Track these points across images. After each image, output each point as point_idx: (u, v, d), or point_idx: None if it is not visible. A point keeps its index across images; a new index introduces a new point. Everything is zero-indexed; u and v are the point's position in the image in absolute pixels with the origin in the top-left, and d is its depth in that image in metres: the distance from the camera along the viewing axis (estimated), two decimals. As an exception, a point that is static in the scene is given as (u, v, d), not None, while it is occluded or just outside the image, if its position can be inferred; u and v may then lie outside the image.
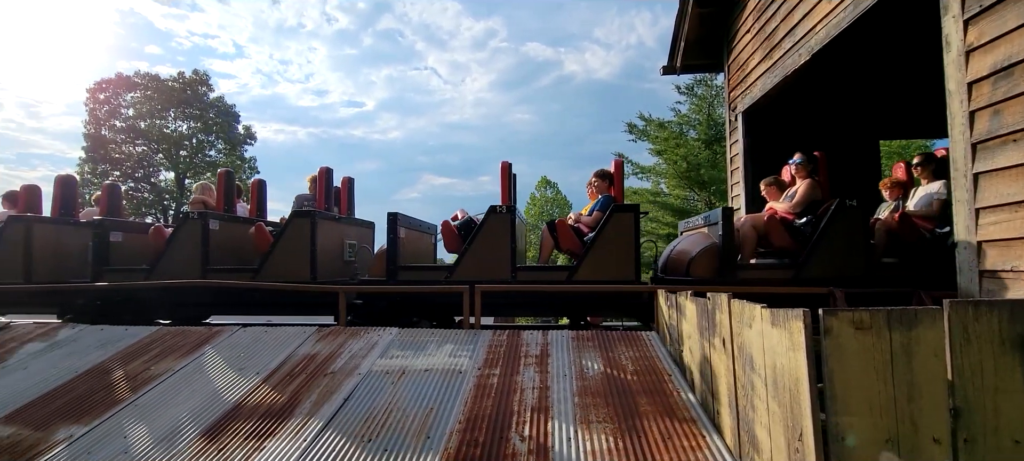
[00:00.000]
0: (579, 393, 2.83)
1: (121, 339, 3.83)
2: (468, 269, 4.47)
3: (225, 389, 3.07)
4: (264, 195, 5.93)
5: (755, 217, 4.81)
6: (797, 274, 4.35)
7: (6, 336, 3.93)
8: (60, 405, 2.99)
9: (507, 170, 4.77)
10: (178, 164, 24.03)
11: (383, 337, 3.71)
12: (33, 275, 5.14)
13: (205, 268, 4.88)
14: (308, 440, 2.50)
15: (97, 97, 23.40)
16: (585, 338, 3.62)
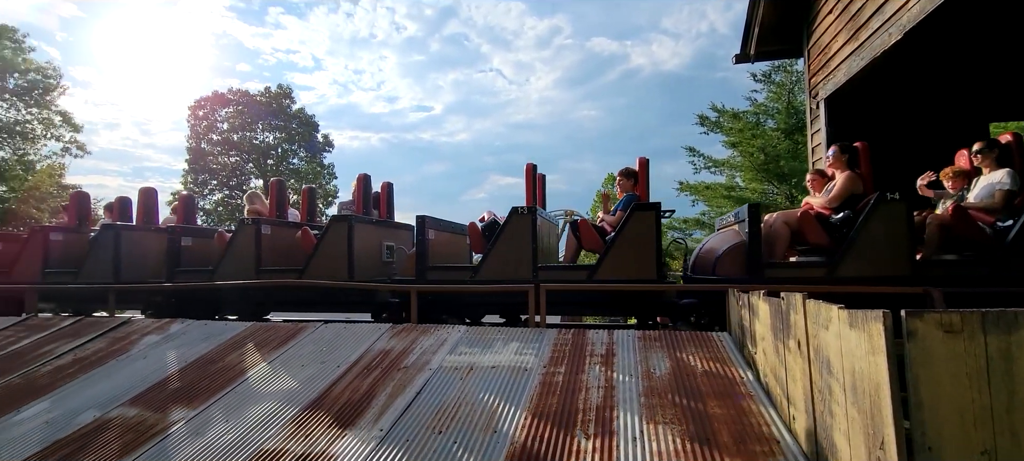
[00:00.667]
0: (645, 393, 2.80)
1: (222, 333, 4.24)
2: (492, 269, 4.58)
3: (311, 380, 3.32)
4: (313, 201, 6.37)
5: (788, 213, 4.60)
6: (831, 273, 4.08)
7: (128, 329, 4.47)
8: (174, 390, 3.37)
9: (531, 172, 4.91)
10: (266, 172, 26.03)
11: (452, 334, 3.85)
12: (121, 275, 5.81)
13: (258, 269, 5.30)
14: (384, 430, 2.66)
15: (197, 114, 25.88)
16: (652, 338, 3.56)
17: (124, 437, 2.86)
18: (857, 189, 4.36)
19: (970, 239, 4.07)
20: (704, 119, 17.16)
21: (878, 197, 4.04)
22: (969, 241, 4.09)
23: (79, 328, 4.58)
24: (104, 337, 4.32)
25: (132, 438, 2.84)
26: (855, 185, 4.37)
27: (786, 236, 4.45)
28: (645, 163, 5.00)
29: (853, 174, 4.41)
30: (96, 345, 4.19)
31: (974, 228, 4.03)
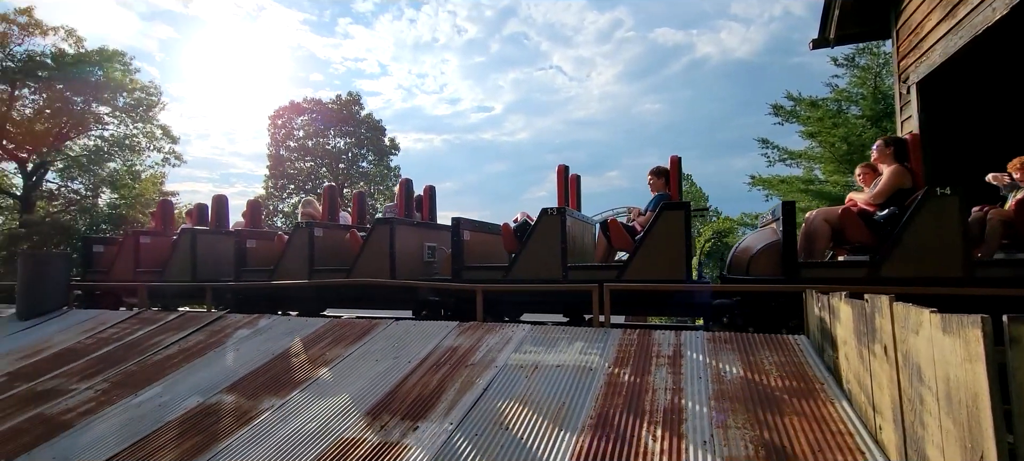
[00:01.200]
0: (716, 397, 2.73)
1: (303, 328, 4.56)
2: (523, 268, 4.68)
3: (384, 374, 3.51)
4: (364, 204, 6.70)
5: (828, 210, 4.35)
6: (873, 273, 3.80)
7: (223, 323, 4.91)
8: (264, 380, 3.67)
9: (563, 173, 5.02)
10: (338, 176, 27.46)
11: (517, 333, 3.92)
12: (197, 274, 6.37)
13: (311, 269, 5.65)
14: (454, 424, 2.77)
15: (276, 122, 27.72)
16: (722, 340, 3.45)
17: (223, 421, 3.16)
18: (904, 183, 4.06)
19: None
20: (778, 108, 16.19)
21: (926, 192, 3.74)
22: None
23: (182, 322, 5.08)
24: (203, 330, 4.77)
25: (230, 422, 3.13)
26: (902, 179, 4.06)
27: (826, 234, 4.25)
28: (677, 162, 4.88)
29: (900, 168, 4.10)
30: (197, 337, 4.63)
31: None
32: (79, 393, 3.82)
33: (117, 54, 18.13)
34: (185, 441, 3.01)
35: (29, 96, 17.22)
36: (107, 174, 18.68)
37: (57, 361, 4.50)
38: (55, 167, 17.91)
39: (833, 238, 4.30)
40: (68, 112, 17.28)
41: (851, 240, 4.25)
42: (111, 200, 18.83)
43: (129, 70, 18.50)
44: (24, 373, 4.33)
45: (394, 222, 5.42)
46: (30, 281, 5.95)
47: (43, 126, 17.09)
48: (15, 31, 16.51)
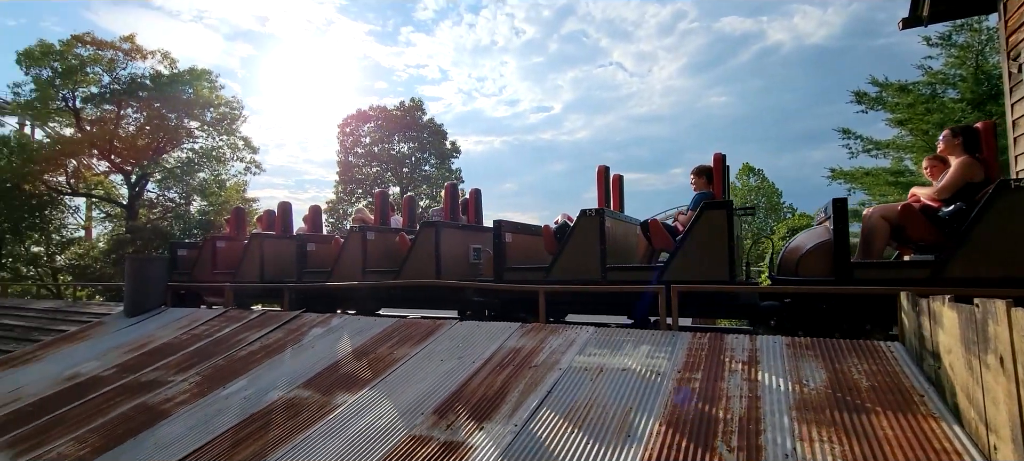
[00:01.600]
0: (797, 406, 2.55)
1: (372, 328, 4.73)
2: (562, 269, 4.72)
3: (450, 374, 3.56)
4: (414, 208, 6.90)
5: (886, 207, 4.03)
6: (937, 274, 3.49)
7: (300, 322, 5.19)
8: (337, 376, 3.84)
9: (603, 174, 5.02)
10: (402, 180, 28.42)
11: (581, 335, 3.86)
12: (264, 275, 6.83)
13: (364, 270, 5.89)
14: (519, 426, 2.76)
15: (344, 130, 29.10)
16: (803, 346, 3.23)
17: (301, 414, 3.33)
18: (974, 176, 3.67)
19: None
20: (862, 95, 15.00)
21: (999, 185, 3.36)
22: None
23: (264, 320, 5.42)
24: (282, 328, 5.07)
25: (308, 416, 3.29)
26: (972, 172, 3.68)
27: (884, 232, 3.97)
28: (720, 159, 4.76)
29: (970, 159, 3.71)
30: (277, 335, 4.93)
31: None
32: (176, 385, 4.17)
33: (205, 73, 19.73)
34: (268, 432, 3.20)
35: (132, 114, 19.09)
36: (197, 183, 20.36)
37: (157, 355, 4.94)
38: (154, 178, 19.76)
39: (894, 236, 4.04)
40: (164, 128, 18.99)
41: (913, 238, 3.96)
42: (201, 207, 20.52)
43: (215, 87, 20.06)
44: (130, 365, 4.78)
45: (439, 225, 5.60)
46: (134, 282, 6.59)
47: (144, 141, 18.88)
48: (120, 56, 18.38)
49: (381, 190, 7.17)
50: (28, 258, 17.51)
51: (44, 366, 5.22)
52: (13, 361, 5.53)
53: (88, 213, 21.07)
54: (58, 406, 4.16)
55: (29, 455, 3.48)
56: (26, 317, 7.39)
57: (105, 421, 3.75)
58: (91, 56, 17.92)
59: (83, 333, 6.10)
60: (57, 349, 5.69)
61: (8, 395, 4.62)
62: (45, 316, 7.26)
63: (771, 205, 32.66)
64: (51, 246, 18.21)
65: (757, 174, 33.49)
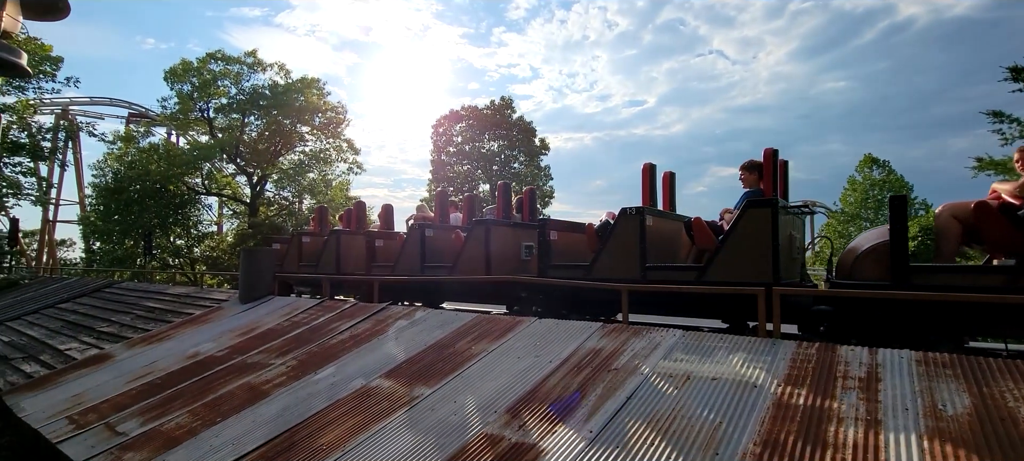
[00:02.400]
0: (929, 436, 2.12)
1: (452, 322, 4.77)
2: (602, 268, 4.74)
3: (525, 372, 3.46)
4: (473, 207, 7.11)
5: (958, 205, 3.61)
6: (1015, 280, 3.10)
7: (387, 314, 5.38)
8: (416, 369, 3.90)
9: (648, 172, 4.99)
10: (491, 177, 28.95)
11: (666, 338, 3.58)
12: (341, 268, 7.32)
13: (422, 265, 6.13)
14: (594, 432, 2.59)
15: (437, 131, 30.24)
16: (940, 363, 2.71)
17: (380, 404, 3.41)
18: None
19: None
20: (1019, 71, 12.72)
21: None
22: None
23: (354, 310, 5.70)
24: (370, 319, 5.29)
25: (387, 406, 3.37)
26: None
27: (954, 233, 3.55)
28: (771, 154, 4.46)
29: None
30: (364, 325, 5.15)
31: None
32: (275, 367, 4.49)
33: (314, 81, 21.46)
34: (350, 418, 3.32)
35: (254, 121, 21.28)
36: (307, 183, 22.22)
37: (262, 339, 5.37)
38: (272, 178, 21.87)
39: (970, 238, 3.59)
40: (280, 133, 20.94)
41: (989, 240, 3.49)
42: (310, 205, 22.37)
43: (322, 93, 21.75)
44: (240, 347, 5.25)
45: (489, 223, 5.83)
46: (247, 272, 7.28)
47: (263, 145, 20.96)
48: (245, 70, 20.54)
49: (442, 189, 7.54)
50: (172, 249, 20.15)
51: (174, 344, 5.91)
52: (151, 339, 6.33)
53: (219, 211, 23.84)
54: (180, 380, 4.65)
55: (154, 422, 3.91)
56: (164, 300, 8.46)
57: (215, 397, 4.12)
58: (222, 71, 20.21)
59: (205, 316, 6.83)
60: (184, 330, 6.42)
61: (145, 368, 5.27)
62: (178, 300, 8.26)
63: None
64: (190, 239, 20.83)
65: (882, 166, 29.79)
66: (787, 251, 4.24)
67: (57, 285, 13.03)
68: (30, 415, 4.69)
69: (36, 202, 20.41)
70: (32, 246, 28.12)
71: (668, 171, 5.46)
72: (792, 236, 4.38)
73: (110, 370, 5.49)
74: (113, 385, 4.96)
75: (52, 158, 22.68)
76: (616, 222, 4.70)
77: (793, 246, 4.40)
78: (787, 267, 4.24)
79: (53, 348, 7.02)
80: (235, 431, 3.50)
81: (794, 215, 4.55)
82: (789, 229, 4.35)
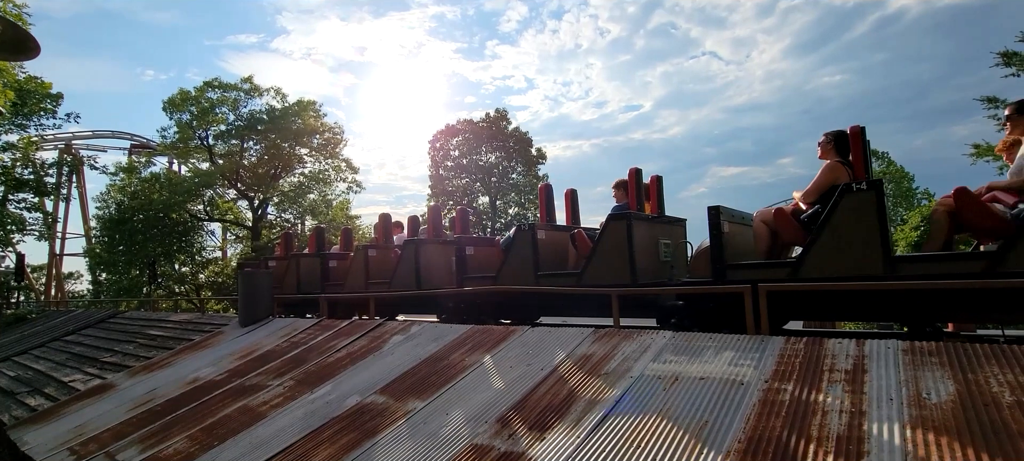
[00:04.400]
0: (912, 424, 2.12)
1: (447, 335, 4.78)
2: (506, 276, 5.19)
3: (518, 381, 3.47)
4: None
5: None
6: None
7: (382, 330, 5.40)
8: (410, 383, 3.91)
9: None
10: (490, 189, 29.05)
11: (656, 340, 3.58)
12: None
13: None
14: (581, 438, 2.60)
15: (435, 145, 30.42)
16: (925, 351, 2.71)
17: (374, 420, 3.42)
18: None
19: None
20: (1010, 56, 12.76)
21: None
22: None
23: (351, 328, 5.72)
24: (366, 336, 5.31)
25: (379, 421, 3.38)
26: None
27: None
28: (634, 173, 5.00)
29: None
30: (361, 342, 5.17)
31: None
32: (272, 389, 4.51)
33: (310, 104, 21.69)
34: (344, 436, 3.33)
35: (253, 146, 21.48)
36: (308, 204, 22.37)
37: (261, 361, 5.40)
38: (273, 202, 22.03)
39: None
40: (279, 156, 21.13)
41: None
42: (312, 225, 22.51)
43: (319, 115, 21.96)
44: (238, 371, 5.28)
45: (418, 242, 6.53)
46: (246, 294, 7.32)
47: (263, 169, 21.15)
48: (242, 96, 20.78)
49: (433, 205, 7.86)
50: (177, 277, 20.28)
51: (174, 370, 5.94)
52: (152, 366, 6.36)
53: (223, 236, 24.00)
54: (180, 406, 4.68)
55: (153, 449, 3.93)
56: (166, 327, 8.51)
57: (213, 421, 4.14)
58: (219, 98, 20.45)
59: (206, 341, 6.86)
60: (185, 356, 6.46)
61: (146, 395, 5.30)
62: (180, 327, 8.31)
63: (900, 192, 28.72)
64: (194, 265, 20.96)
65: (880, 158, 29.74)
66: (650, 256, 4.91)
67: (63, 318, 13.13)
68: (33, 448, 4.72)
69: (41, 237, 20.64)
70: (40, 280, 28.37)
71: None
72: (661, 243, 5.07)
73: (112, 399, 5.53)
74: (114, 414, 4.99)
75: (56, 193, 22.95)
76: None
77: (660, 252, 5.05)
78: (652, 271, 4.86)
79: (57, 380, 7.06)
80: (231, 454, 3.52)
81: (668, 225, 5.32)
82: (658, 236, 5.06)
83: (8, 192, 16.79)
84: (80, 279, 30.77)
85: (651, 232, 5.08)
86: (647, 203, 5.46)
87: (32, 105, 16.52)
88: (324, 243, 8.55)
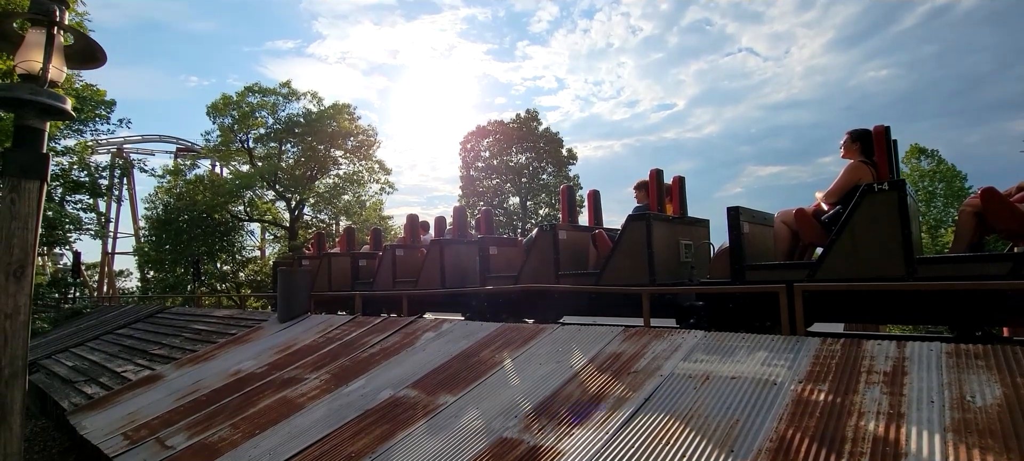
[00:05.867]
0: (955, 428, 2.06)
1: (478, 332, 4.85)
2: (526, 275, 5.29)
3: (546, 378, 3.51)
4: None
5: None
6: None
7: (415, 326, 5.52)
8: (441, 379, 3.99)
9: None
10: (520, 190, 29.13)
11: (687, 339, 3.56)
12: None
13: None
14: (609, 434, 2.61)
15: (466, 146, 30.72)
16: (971, 354, 2.61)
17: (406, 412, 3.52)
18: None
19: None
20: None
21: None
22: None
23: (385, 325, 5.87)
24: (399, 332, 5.44)
25: (411, 414, 3.47)
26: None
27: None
28: (655, 174, 4.98)
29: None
30: (394, 338, 5.30)
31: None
32: (309, 382, 4.67)
33: (345, 107, 22.24)
34: (377, 427, 3.43)
35: (290, 149, 22.17)
36: (342, 205, 22.93)
37: (298, 355, 5.60)
38: (309, 203, 22.68)
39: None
40: (315, 158, 21.75)
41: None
42: (345, 225, 23.08)
43: (353, 118, 22.48)
44: (278, 364, 5.48)
45: (443, 242, 6.66)
46: (284, 291, 7.58)
47: (300, 172, 21.79)
48: (280, 100, 21.48)
49: (410, 215, 8.41)
50: (219, 275, 21.11)
51: (218, 363, 6.22)
52: (197, 359, 6.67)
53: (262, 236, 24.85)
54: (223, 397, 4.90)
55: (199, 436, 4.14)
56: (210, 322, 8.89)
57: (254, 411, 4.33)
58: (259, 102, 21.19)
59: (247, 336, 7.15)
60: (228, 349, 6.75)
61: (191, 386, 5.56)
62: (223, 322, 8.67)
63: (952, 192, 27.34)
64: (235, 264, 21.77)
65: (930, 156, 28.35)
66: (671, 257, 4.91)
67: (115, 313, 13.86)
68: (90, 433, 5.02)
69: (95, 235, 21.80)
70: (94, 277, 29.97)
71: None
72: (681, 244, 5.04)
73: (161, 389, 5.83)
74: (163, 403, 5.26)
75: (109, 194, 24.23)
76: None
77: (681, 252, 4.99)
78: (672, 270, 4.85)
79: (111, 371, 7.48)
80: (272, 442, 3.67)
81: (689, 226, 5.32)
82: (678, 237, 5.03)
83: (66, 193, 17.83)
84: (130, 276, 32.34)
85: (672, 232, 5.06)
86: (669, 204, 5.44)
87: (88, 111, 17.51)
88: (354, 243, 8.84)
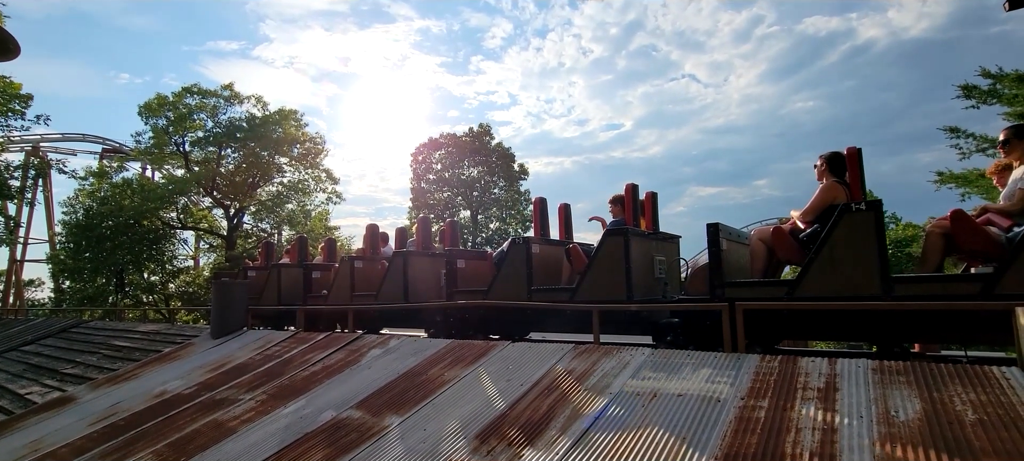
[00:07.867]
0: (882, 441, 2.18)
1: (426, 349, 4.73)
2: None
3: (496, 397, 3.45)
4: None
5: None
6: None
7: (360, 343, 5.32)
8: (388, 398, 3.85)
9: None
10: (472, 203, 29.03)
11: (635, 357, 3.61)
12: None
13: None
14: (560, 455, 2.59)
15: (417, 158, 30.32)
16: (894, 371, 2.79)
17: (349, 436, 3.35)
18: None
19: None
20: (970, 89, 13.34)
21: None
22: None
23: (328, 341, 5.62)
24: (343, 349, 5.22)
25: (355, 437, 3.31)
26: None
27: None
28: (630, 189, 4.87)
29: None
30: (338, 355, 5.08)
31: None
32: (243, 403, 4.38)
33: (292, 113, 21.46)
34: (318, 452, 3.25)
35: (231, 154, 21.10)
36: (286, 214, 22.02)
37: (232, 374, 5.25)
38: (249, 211, 21.62)
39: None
40: (258, 165, 20.79)
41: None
42: (289, 236, 22.11)
43: (300, 125, 21.73)
44: (209, 384, 5.12)
45: (406, 255, 6.34)
46: (219, 304, 7.13)
47: (240, 178, 20.77)
48: (221, 103, 20.46)
49: (423, 216, 7.73)
50: (145, 286, 19.66)
51: (140, 383, 5.74)
52: (117, 379, 6.14)
53: (196, 245, 23.42)
54: (145, 421, 4.51)
55: (115, 466, 3.78)
56: (133, 338, 8.23)
57: (180, 436, 4.01)
58: (198, 104, 20.10)
59: (175, 353, 6.65)
60: (152, 368, 6.25)
61: (108, 410, 5.10)
62: (148, 338, 8.04)
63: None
64: (165, 274, 20.36)
65: (849, 183, 30.62)
66: (646, 272, 4.85)
67: (21, 327, 12.58)
68: (-16, 464, 4.49)
69: (2, 242, 19.83)
70: (-2, 287, 27.17)
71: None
72: (655, 260, 5.02)
73: (72, 413, 5.30)
74: (74, 428, 4.78)
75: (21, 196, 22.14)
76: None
77: (655, 269, 5.00)
78: (648, 287, 4.82)
79: (13, 393, 6.75)
80: (199, 470, 3.40)
81: (662, 242, 5.27)
82: (653, 253, 5.00)
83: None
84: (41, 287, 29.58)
85: (647, 248, 5.02)
86: (642, 219, 5.44)
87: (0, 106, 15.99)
88: (306, 254, 8.38)
